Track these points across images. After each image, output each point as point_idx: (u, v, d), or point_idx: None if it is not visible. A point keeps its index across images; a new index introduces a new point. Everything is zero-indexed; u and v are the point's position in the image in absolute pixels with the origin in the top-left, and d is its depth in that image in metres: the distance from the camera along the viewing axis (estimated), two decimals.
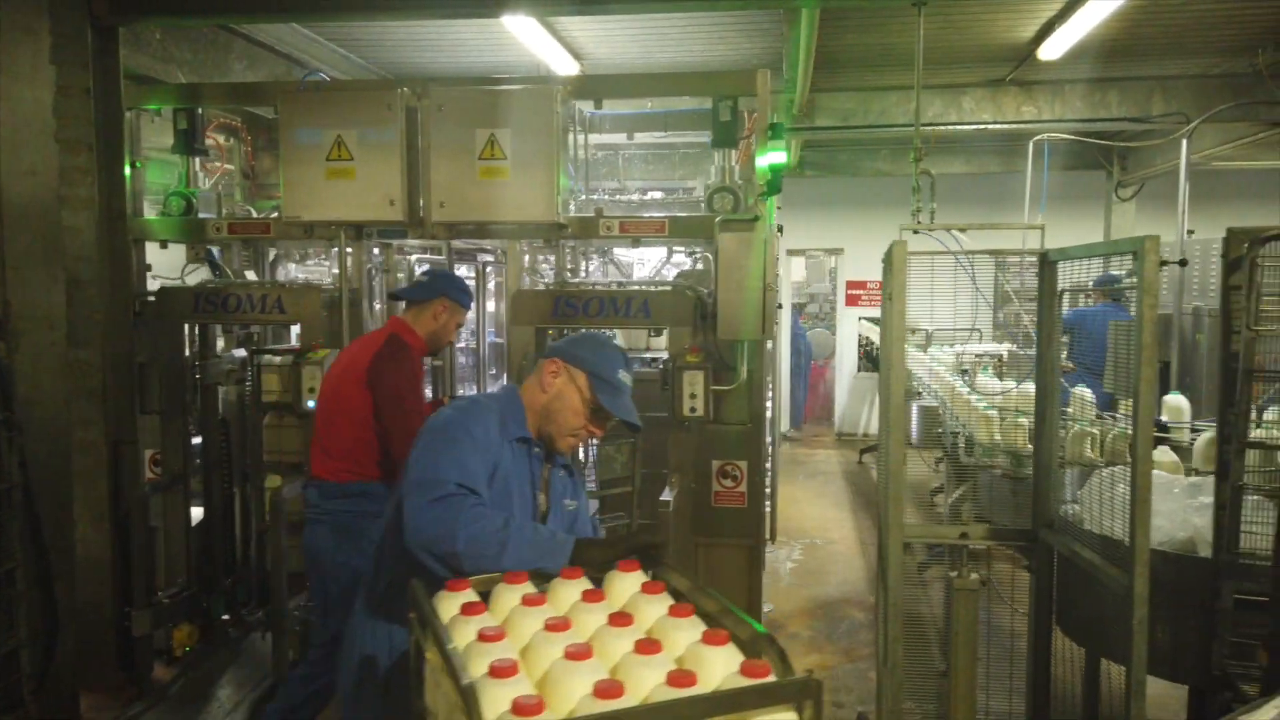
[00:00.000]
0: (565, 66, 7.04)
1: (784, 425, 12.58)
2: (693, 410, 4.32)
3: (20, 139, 4.00)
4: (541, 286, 4.98)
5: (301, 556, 3.83)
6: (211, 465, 5.14)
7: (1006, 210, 8.72)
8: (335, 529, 3.62)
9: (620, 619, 1.61)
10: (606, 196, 6.09)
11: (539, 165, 4.46)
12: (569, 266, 5.47)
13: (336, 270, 5.19)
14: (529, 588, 1.76)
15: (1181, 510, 3.20)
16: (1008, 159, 9.86)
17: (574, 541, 2.01)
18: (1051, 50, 6.70)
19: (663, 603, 1.69)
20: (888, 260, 2.80)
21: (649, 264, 6.94)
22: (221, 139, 5.94)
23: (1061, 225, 6.52)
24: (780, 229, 9.33)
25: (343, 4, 4.75)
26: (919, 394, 7.06)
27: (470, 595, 1.74)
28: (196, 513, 5.14)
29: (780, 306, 4.26)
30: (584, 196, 6.04)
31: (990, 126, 7.90)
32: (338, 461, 3.65)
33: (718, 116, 4.70)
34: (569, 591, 1.75)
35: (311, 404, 4.53)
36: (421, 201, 4.61)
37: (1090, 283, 3.19)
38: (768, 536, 6.18)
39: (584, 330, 2.50)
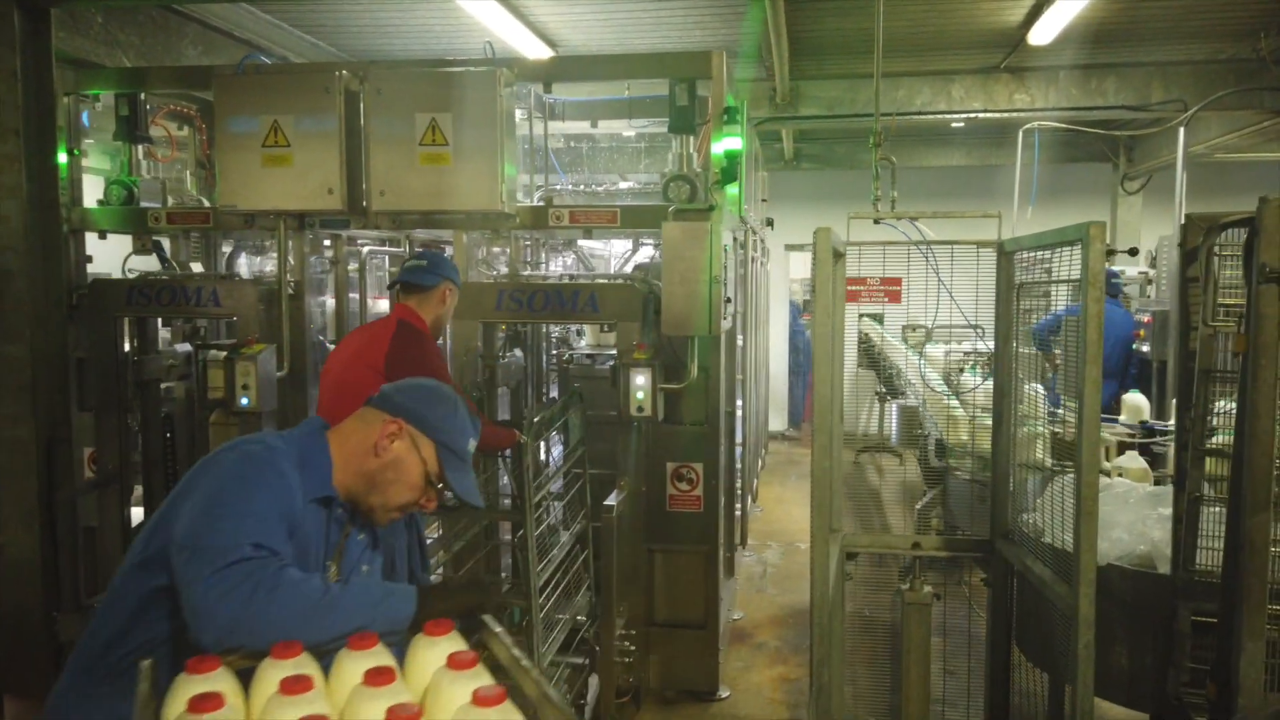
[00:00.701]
0: (538, 54, 6.82)
1: (778, 424, 12.33)
2: (640, 410, 4.09)
3: None
4: (490, 280, 4.76)
5: None
6: (152, 464, 4.95)
7: (1001, 203, 8.42)
8: None
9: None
10: (573, 188, 5.86)
11: (482, 152, 4.24)
12: (526, 260, 5.26)
13: (332, 259, 5.03)
14: (299, 666, 1.36)
15: (1141, 522, 2.95)
16: (1005, 150, 9.56)
17: (415, 593, 1.69)
18: (1042, 35, 6.42)
19: (471, 682, 1.31)
20: (813, 251, 2.56)
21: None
22: (174, 126, 5.76)
23: (1065, 219, 6.24)
24: (770, 223, 9.13)
25: None
26: (902, 393, 6.80)
27: (214, 682, 1.32)
28: (138, 513, 4.97)
29: (729, 300, 4.01)
30: (551, 187, 5.83)
31: (981, 115, 7.61)
32: None
33: (674, 100, 4.48)
34: (352, 668, 1.36)
35: (245, 401, 4.34)
36: (364, 189, 4.41)
37: (1051, 275, 2.93)
38: (738, 541, 5.93)
39: (424, 380, 2.03)
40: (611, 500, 4.09)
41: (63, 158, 4.76)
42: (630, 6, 6.17)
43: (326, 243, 5.10)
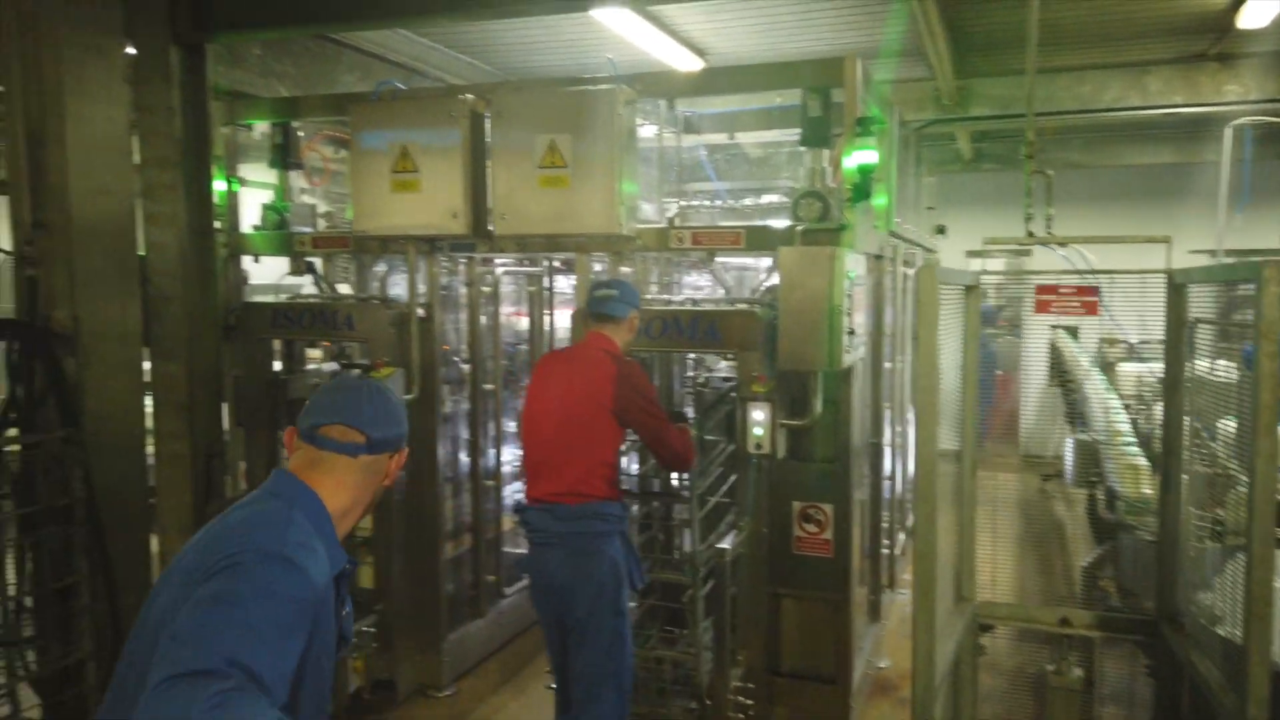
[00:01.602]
0: (687, 65, 6.64)
1: (953, 444, 11.54)
2: (758, 447, 3.82)
3: (91, 158, 4.06)
4: None
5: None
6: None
7: (1190, 207, 7.48)
8: (573, 552, 3.45)
9: None
10: (709, 203, 5.62)
11: (600, 173, 4.10)
12: (653, 280, 5.08)
13: (466, 281, 5.06)
14: None
15: None
16: (1193, 147, 8.48)
17: None
18: (1255, 17, 5.58)
19: None
20: (918, 291, 2.22)
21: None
22: (330, 151, 5.98)
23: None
24: (942, 230, 8.52)
25: (401, 7, 4.56)
26: (1084, 423, 6.14)
27: None
28: None
29: (852, 332, 3.66)
30: (689, 204, 5.61)
31: (1182, 110, 6.74)
32: (575, 483, 3.46)
33: (806, 111, 4.17)
34: None
35: None
36: (488, 213, 4.37)
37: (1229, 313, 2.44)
38: (887, 582, 5.49)
39: (348, 397, 1.85)
40: (726, 542, 3.83)
41: (220, 185, 5.01)
42: (776, 11, 5.88)
43: (462, 263, 5.11)
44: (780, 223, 4.29)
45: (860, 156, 3.93)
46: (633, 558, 3.60)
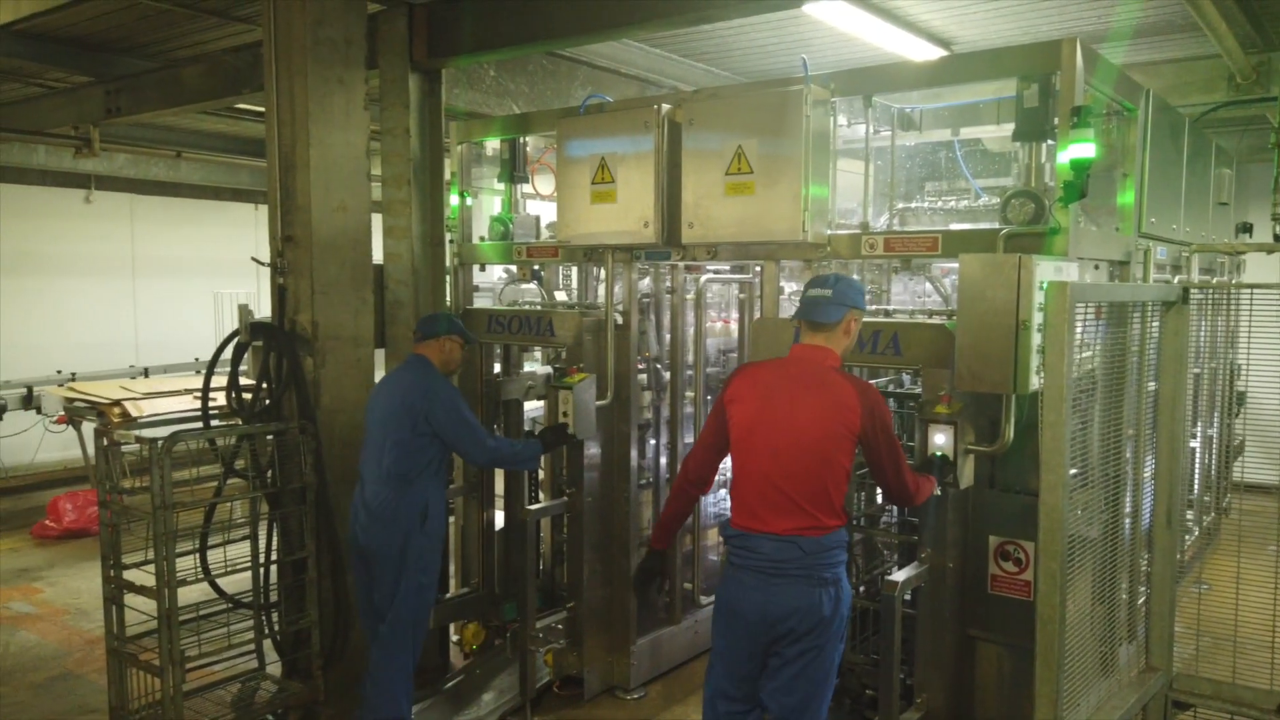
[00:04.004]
0: (928, 56, 6.21)
1: (1267, 475, 9.86)
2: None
3: (331, 178, 4.54)
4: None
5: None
6: (511, 476, 5.40)
7: None
8: (817, 582, 3.18)
9: None
10: (930, 204, 5.21)
11: (786, 177, 3.96)
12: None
13: (669, 288, 5.15)
14: None
15: None
16: None
17: None
18: None
19: None
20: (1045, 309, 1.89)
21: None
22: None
23: None
24: (1248, 228, 7.29)
25: (619, 18, 4.64)
26: None
27: None
28: (499, 517, 5.46)
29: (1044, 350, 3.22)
30: (901, 206, 5.24)
31: None
32: (819, 514, 3.17)
33: (1021, 102, 3.76)
34: None
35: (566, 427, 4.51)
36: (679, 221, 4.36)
37: None
38: (1124, 635, 4.77)
39: None
40: (899, 574, 3.53)
41: (454, 200, 5.41)
42: None
43: (664, 270, 5.14)
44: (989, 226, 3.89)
45: (1075, 151, 3.45)
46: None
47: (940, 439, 3.44)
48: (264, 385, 4.53)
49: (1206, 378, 5.66)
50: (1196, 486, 6.61)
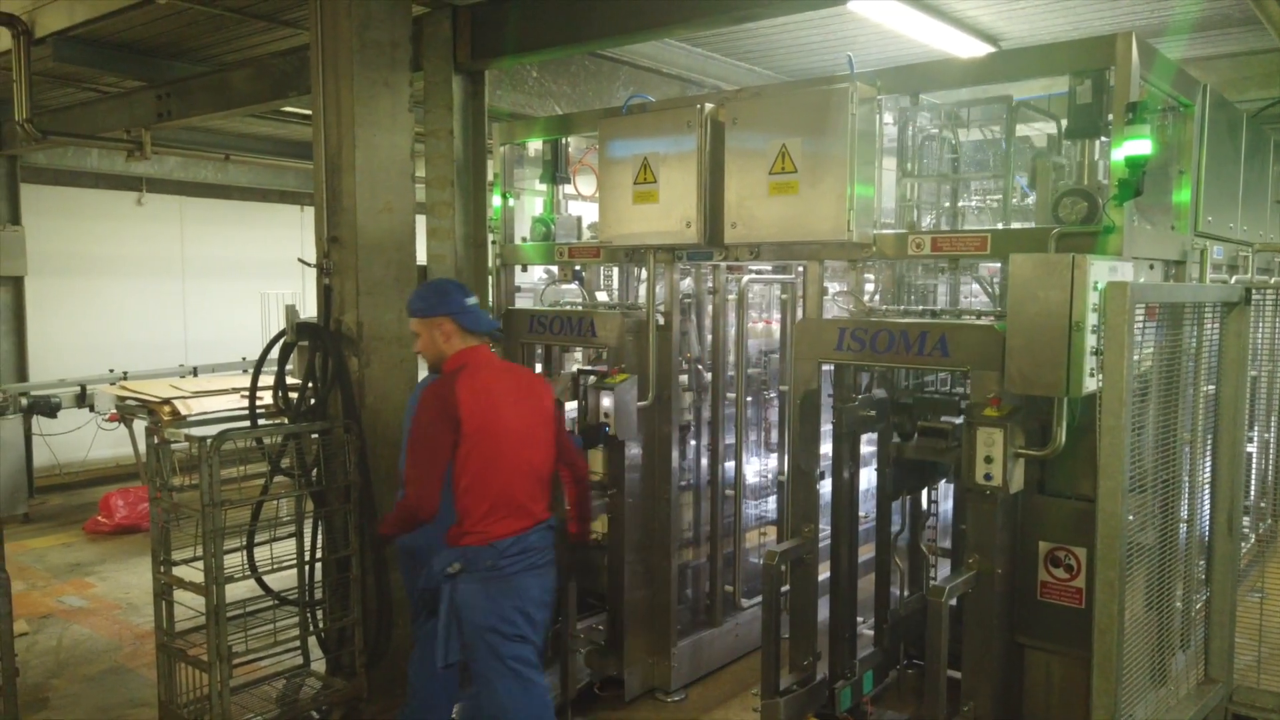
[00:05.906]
0: (976, 53, 6.11)
1: None
2: (987, 478, 3.41)
3: (376, 180, 4.58)
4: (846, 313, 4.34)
5: None
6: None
7: None
8: None
9: None
10: (978, 202, 5.12)
11: (830, 177, 3.91)
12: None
13: (711, 289, 5.12)
14: None
15: None
16: None
17: None
18: None
19: None
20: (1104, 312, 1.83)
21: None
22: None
23: None
24: None
25: (662, 18, 4.63)
26: None
27: None
28: None
29: (1097, 352, 3.15)
30: (960, 203, 5.16)
31: None
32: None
33: (1074, 99, 3.68)
34: None
35: (607, 429, 4.51)
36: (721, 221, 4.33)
37: None
38: (1180, 643, 4.66)
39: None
40: (941, 580, 3.47)
41: (496, 201, 5.43)
42: None
43: (706, 271, 5.11)
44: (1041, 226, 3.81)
45: (1131, 147, 3.37)
46: None
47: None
48: (309, 385, 4.58)
49: (1265, 381, 5.50)
50: (1253, 492, 6.43)
